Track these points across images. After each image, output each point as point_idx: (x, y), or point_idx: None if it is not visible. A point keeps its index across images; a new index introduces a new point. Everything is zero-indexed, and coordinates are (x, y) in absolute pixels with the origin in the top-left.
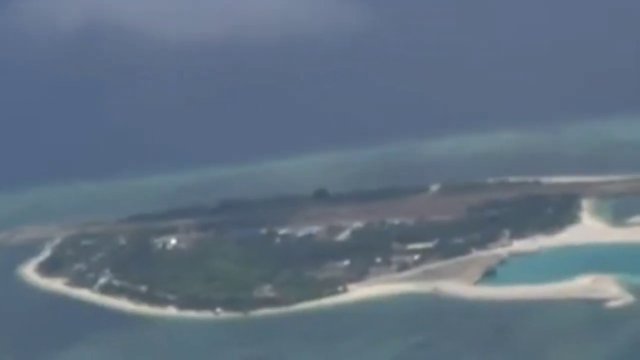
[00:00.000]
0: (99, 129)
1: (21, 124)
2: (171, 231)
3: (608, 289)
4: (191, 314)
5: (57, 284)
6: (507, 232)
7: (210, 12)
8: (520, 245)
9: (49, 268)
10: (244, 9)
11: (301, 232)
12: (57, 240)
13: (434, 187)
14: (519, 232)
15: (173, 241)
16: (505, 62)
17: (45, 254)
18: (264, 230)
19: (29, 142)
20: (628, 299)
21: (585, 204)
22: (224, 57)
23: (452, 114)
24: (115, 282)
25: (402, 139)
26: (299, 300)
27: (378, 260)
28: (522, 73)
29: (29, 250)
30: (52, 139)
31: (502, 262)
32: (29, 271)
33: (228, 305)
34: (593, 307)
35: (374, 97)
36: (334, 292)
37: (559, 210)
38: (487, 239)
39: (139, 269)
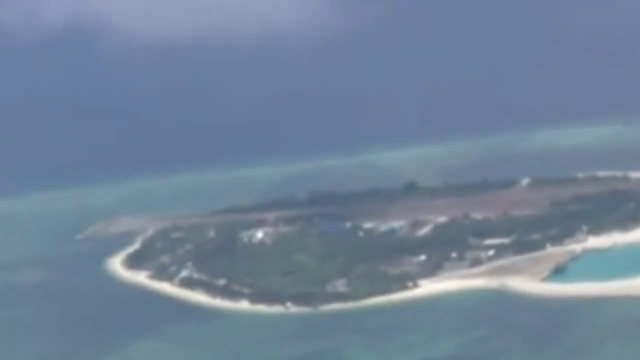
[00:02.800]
0: (198, 121)
1: (126, 115)
2: (260, 224)
3: None
4: (262, 308)
5: (140, 277)
6: (585, 228)
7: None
8: (596, 241)
9: (135, 260)
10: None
11: (384, 227)
12: (149, 233)
13: (524, 181)
14: (597, 227)
15: (259, 234)
16: (604, 55)
17: (135, 246)
18: (348, 224)
19: (131, 134)
20: None
21: None
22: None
23: (552, 107)
24: (195, 276)
25: (500, 132)
26: (369, 295)
27: (453, 255)
28: (623, 65)
29: (121, 241)
30: (154, 131)
31: (574, 258)
32: (116, 263)
33: (299, 299)
34: None
35: (472, 90)
36: (404, 287)
37: (639, 206)
38: (563, 235)
39: (220, 262)
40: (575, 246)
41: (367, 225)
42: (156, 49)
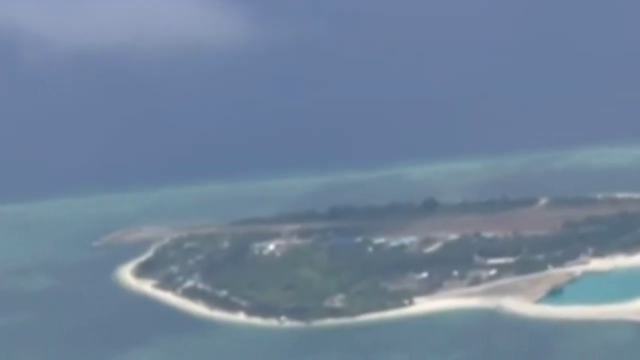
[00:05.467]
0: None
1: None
2: (274, 236)
3: None
4: (257, 321)
5: (146, 286)
6: (590, 250)
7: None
8: (598, 263)
9: (144, 269)
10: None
11: (395, 242)
12: (164, 242)
13: (543, 201)
14: (602, 250)
15: (271, 247)
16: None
17: (148, 254)
18: (360, 239)
19: (158, 143)
20: None
21: None
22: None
23: (586, 127)
24: (199, 286)
25: (540, 149)
26: (363, 311)
27: (455, 273)
28: None
29: (136, 250)
30: (182, 140)
31: (573, 280)
32: (126, 271)
33: (294, 314)
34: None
35: (507, 108)
36: (400, 305)
37: None
38: (567, 257)
39: (226, 273)
40: (576, 268)
41: (378, 240)
42: (78, 57)
